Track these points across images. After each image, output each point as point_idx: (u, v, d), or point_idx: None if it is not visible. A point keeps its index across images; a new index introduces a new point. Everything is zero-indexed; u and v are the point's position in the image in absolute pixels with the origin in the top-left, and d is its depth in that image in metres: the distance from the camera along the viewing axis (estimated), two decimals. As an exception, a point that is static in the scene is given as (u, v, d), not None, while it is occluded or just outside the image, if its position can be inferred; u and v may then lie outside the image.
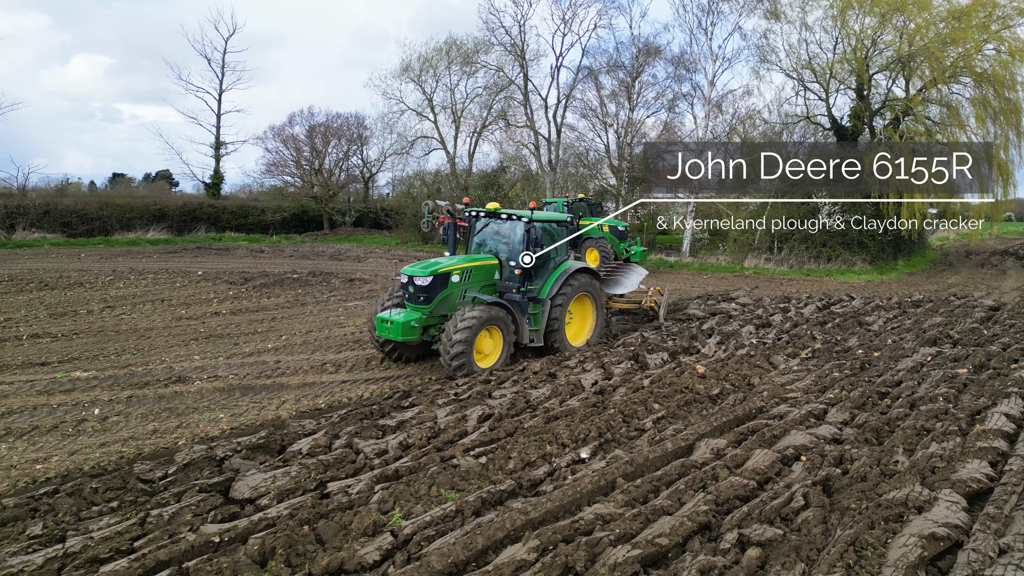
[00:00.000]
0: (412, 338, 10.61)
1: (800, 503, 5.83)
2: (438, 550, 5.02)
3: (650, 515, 5.62)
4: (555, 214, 12.17)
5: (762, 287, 21.94)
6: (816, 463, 6.82)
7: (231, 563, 4.80)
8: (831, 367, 10.77)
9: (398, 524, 5.42)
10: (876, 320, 15.26)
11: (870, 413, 8.37)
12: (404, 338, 10.49)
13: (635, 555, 4.95)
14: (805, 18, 30.12)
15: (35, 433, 7.79)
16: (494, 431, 7.64)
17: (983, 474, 6.36)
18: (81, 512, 5.65)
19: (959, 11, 26.90)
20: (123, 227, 37.88)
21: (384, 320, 10.68)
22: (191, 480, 6.32)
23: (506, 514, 5.56)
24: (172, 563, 4.86)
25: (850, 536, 5.10)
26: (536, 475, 6.50)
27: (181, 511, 5.65)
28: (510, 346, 10.92)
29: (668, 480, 6.40)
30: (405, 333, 10.42)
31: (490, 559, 5.05)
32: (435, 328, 10.86)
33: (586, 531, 5.38)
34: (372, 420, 8.07)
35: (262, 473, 6.41)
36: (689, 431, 7.65)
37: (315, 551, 5.07)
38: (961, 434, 7.43)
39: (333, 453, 6.98)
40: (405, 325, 10.40)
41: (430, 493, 6.03)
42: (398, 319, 10.47)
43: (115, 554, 5.00)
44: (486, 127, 42.49)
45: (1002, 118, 25.99)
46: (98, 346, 12.17)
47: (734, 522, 5.56)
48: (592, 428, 7.65)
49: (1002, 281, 24.54)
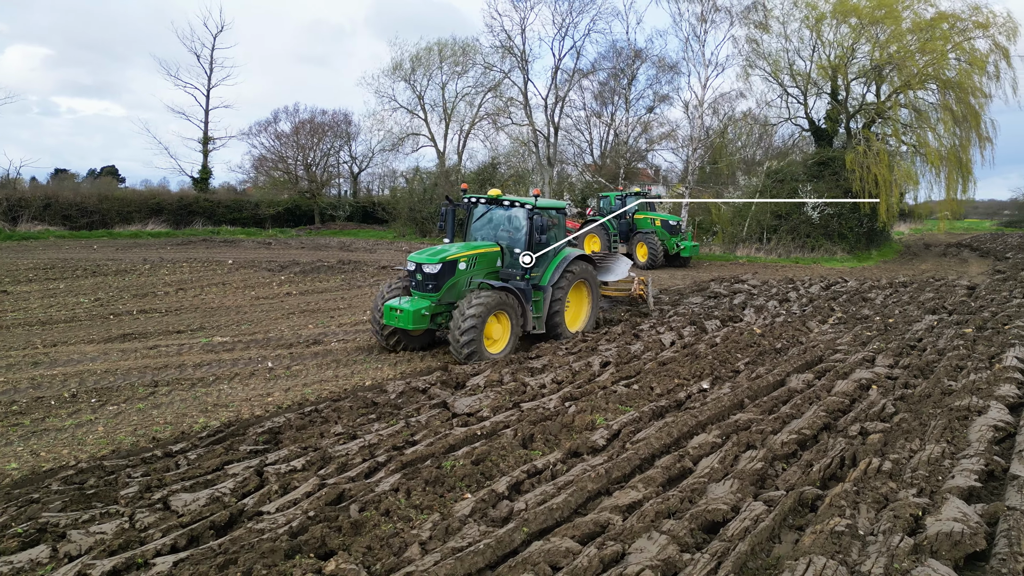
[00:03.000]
0: (422, 326, 10.39)
1: (891, 410, 7.74)
2: (643, 439, 6.74)
3: (784, 419, 7.44)
4: (557, 201, 12.05)
5: (761, 272, 24.11)
6: (887, 388, 8.76)
7: (502, 445, 6.42)
8: (860, 329, 12.80)
9: (604, 424, 7.12)
10: (877, 296, 17.48)
11: (911, 358, 10.38)
12: (415, 326, 10.26)
13: (791, 439, 6.76)
14: (785, 29, 32.59)
15: (237, 379, 9.22)
16: (620, 371, 9.38)
17: (1014, 393, 8.36)
18: (357, 420, 7.20)
19: (926, 23, 29.62)
20: (123, 220, 38.36)
21: (393, 308, 10.31)
22: (415, 403, 7.90)
23: (679, 418, 7.31)
24: (457, 446, 6.48)
25: (941, 425, 7.00)
26: (679, 397, 8.26)
27: (429, 420, 7.25)
28: (518, 332, 10.79)
29: (782, 400, 8.25)
30: (416, 321, 10.16)
31: (684, 444, 6.79)
32: (442, 316, 10.73)
33: (744, 427, 7.17)
34: (519, 364, 9.74)
35: (467, 398, 8.03)
36: (777, 370, 9.52)
37: (558, 438, 6.73)
38: (987, 369, 9.46)
39: (506, 386, 8.62)
40: (415, 313, 10.13)
41: (608, 407, 7.72)
42: (408, 307, 10.17)
43: (406, 444, 6.57)
44: (475, 125, 44.23)
45: (969, 121, 28.74)
46: (208, 319, 13.45)
47: (848, 422, 7.43)
48: (700, 369, 9.47)
49: (967, 267, 27.29)
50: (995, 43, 28.76)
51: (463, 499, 5.40)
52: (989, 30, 28.57)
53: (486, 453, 6.18)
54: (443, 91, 44.01)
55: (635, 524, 4.90)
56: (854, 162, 28.13)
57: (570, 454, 6.45)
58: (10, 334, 11.65)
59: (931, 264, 28.97)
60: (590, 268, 12.32)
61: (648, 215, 25.35)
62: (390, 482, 5.55)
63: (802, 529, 5.05)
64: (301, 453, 6.31)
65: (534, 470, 5.96)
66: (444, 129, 44.75)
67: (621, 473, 5.97)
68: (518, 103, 38.76)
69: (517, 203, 11.29)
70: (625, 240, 25.25)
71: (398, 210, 41.66)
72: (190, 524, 4.88)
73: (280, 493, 5.48)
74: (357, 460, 6.16)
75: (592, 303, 12.62)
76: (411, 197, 40.81)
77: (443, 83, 43.82)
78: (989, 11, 28.88)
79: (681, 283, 20.78)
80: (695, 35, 30.88)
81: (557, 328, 11.64)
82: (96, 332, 11.84)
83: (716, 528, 5.06)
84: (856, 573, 4.25)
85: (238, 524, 4.99)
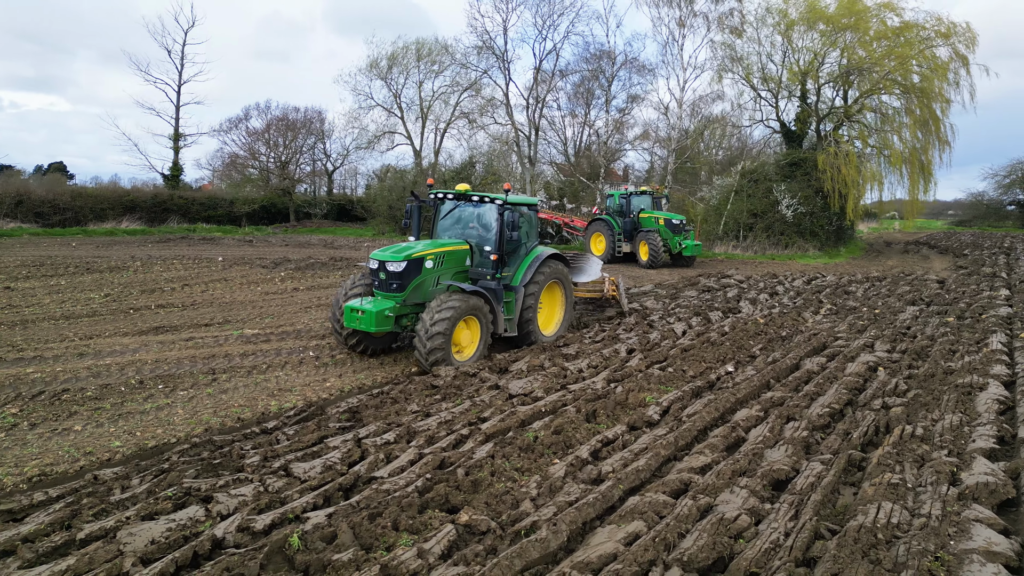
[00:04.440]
0: (385, 328, 9.56)
1: (904, 387, 8.57)
2: (694, 414, 7.41)
3: (811, 396, 8.20)
4: (528, 197, 11.14)
5: (742, 268, 25.14)
6: (894, 370, 9.61)
7: (568, 420, 7.02)
8: (852, 319, 13.73)
9: (654, 401, 7.77)
10: (857, 290, 18.56)
11: (906, 344, 11.29)
12: (378, 329, 9.43)
13: (824, 412, 7.51)
14: (758, 34, 33.86)
15: (288, 367, 9.64)
16: (647, 357, 10.05)
17: (1006, 372, 9.26)
18: (426, 400, 7.73)
19: (892, 31, 31.12)
20: (96, 217, 37.83)
21: (354, 309, 9.52)
22: (471, 385, 8.45)
23: (719, 396, 8.02)
24: (527, 423, 7.06)
25: (952, 398, 7.83)
26: (710, 378, 8.98)
27: (492, 400, 7.81)
28: (488, 338, 10.10)
29: (803, 380, 9.02)
30: (379, 323, 9.37)
31: (729, 417, 7.49)
32: (407, 319, 9.99)
33: (779, 403, 7.90)
34: (554, 351, 10.37)
35: (518, 380, 8.61)
36: (790, 355, 10.31)
37: (616, 414, 7.37)
38: (977, 352, 10.40)
39: (549, 370, 9.22)
40: (379, 315, 9.34)
41: (651, 387, 8.38)
42: (370, 308, 9.39)
43: (479, 420, 7.13)
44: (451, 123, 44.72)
45: (931, 125, 30.32)
46: (228, 313, 13.74)
47: (868, 398, 8.23)
48: (721, 354, 10.21)
49: (930, 263, 28.79)
50: (956, 51, 30.40)
51: (553, 464, 5.99)
52: (951, 39, 30.18)
53: (560, 426, 6.78)
54: (420, 89, 44.41)
55: (715, 481, 5.56)
56: (825, 163, 29.43)
57: (631, 427, 7.08)
58: (38, 327, 11.81)
59: (896, 260, 30.45)
60: (564, 268, 11.69)
61: (652, 214, 25.54)
62: (485, 450, 6.11)
63: (855, 485, 5.78)
64: (387, 428, 6.83)
65: (606, 440, 6.58)
66: (421, 127, 45.16)
67: (684, 442, 6.63)
68: (499, 103, 39.33)
69: (487, 199, 10.56)
70: (629, 239, 25.62)
71: (377, 208, 41.86)
72: (319, 487, 5.38)
73: (385, 461, 5.99)
74: (442, 433, 6.70)
75: (566, 305, 11.97)
76: (390, 195, 41.05)
77: (420, 81, 44.24)
78: (950, 21, 30.55)
79: (670, 278, 21.63)
80: (674, 39, 31.84)
81: (529, 331, 10.96)
82: (124, 326, 12.07)
83: (783, 485, 5.75)
84: (917, 515, 4.97)
85: (360, 488, 5.49)
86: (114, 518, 4.74)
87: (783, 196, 30.26)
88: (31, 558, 4.25)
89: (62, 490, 5.25)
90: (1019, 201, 60.64)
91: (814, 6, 32.79)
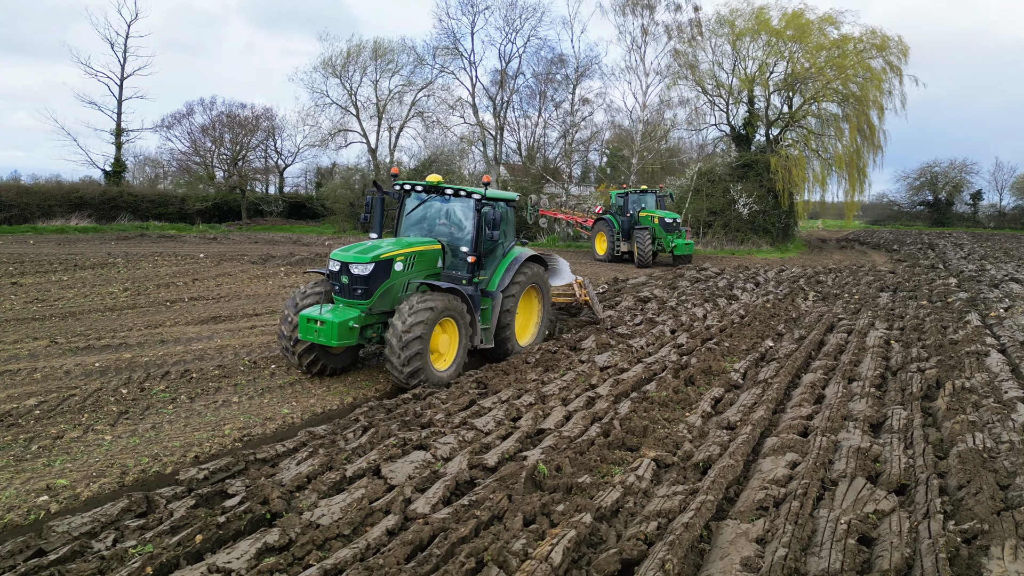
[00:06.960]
0: (349, 341, 8.20)
1: (925, 355, 10.02)
2: (769, 377, 8.58)
3: (853, 363, 9.52)
4: (508, 193, 10.22)
5: (711, 263, 26.85)
6: (904, 342, 11.09)
7: (668, 384, 8.05)
8: (842, 303, 15.35)
9: (732, 368, 8.90)
10: (827, 279, 20.40)
11: (901, 322, 12.88)
12: (340, 342, 8.01)
13: (875, 374, 8.82)
14: (712, 44, 35.95)
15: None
16: (693, 340, 11.20)
17: (995, 343, 10.88)
18: (536, 371, 8.61)
19: (832, 43, 33.68)
20: (44, 215, 36.45)
21: (311, 320, 8.04)
22: (561, 359, 9.38)
23: (783, 364, 9.23)
24: (636, 388, 8.06)
25: (970, 363, 9.30)
26: (760, 351, 10.20)
27: (591, 371, 8.76)
28: (467, 344, 8.83)
29: (837, 351, 10.36)
30: (342, 336, 7.97)
31: (800, 379, 8.70)
32: (372, 329, 8.57)
33: (831, 369, 9.18)
34: (610, 332, 11.38)
35: (600, 355, 9.61)
36: (814, 333, 11.68)
37: (707, 377, 8.47)
38: (964, 328, 12.05)
39: (618, 347, 10.24)
40: (342, 326, 7.94)
41: (720, 358, 9.52)
42: (331, 318, 7.96)
43: (590, 387, 8.08)
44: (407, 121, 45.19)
45: (867, 130, 33.02)
46: (264, 305, 14.11)
47: (902, 362, 9.61)
48: (757, 332, 11.49)
49: (870, 258, 31.37)
50: (889, 63, 33.19)
51: (685, 416, 7.02)
52: (885, 51, 32.93)
53: (676, 387, 7.82)
54: (375, 88, 44.64)
55: (828, 424, 6.70)
56: (778, 164, 31.64)
57: (725, 388, 8.19)
58: (88, 319, 11.97)
59: (840, 255, 32.97)
60: (542, 271, 10.53)
61: (649, 212, 26.03)
62: (626, 406, 7.08)
63: (932, 426, 7.04)
64: (520, 393, 7.69)
65: (715, 399, 7.67)
66: (376, 125, 45.37)
67: (778, 396, 7.78)
68: (465, 103, 40.12)
69: (463, 192, 9.38)
70: (627, 238, 26.16)
71: (336, 206, 41.83)
72: (507, 435, 6.22)
73: (542, 418, 6.87)
74: (571, 396, 7.63)
75: (543, 312, 10.73)
76: (350, 192, 41.09)
77: (375, 80, 44.46)
78: (884, 35, 33.31)
79: (656, 270, 23.01)
80: (636, 46, 33.44)
81: (506, 341, 9.68)
82: (176, 317, 12.33)
83: (878, 427, 6.95)
84: (999, 440, 6.24)
85: (543, 437, 6.37)
86: (364, 460, 5.46)
87: (739, 195, 32.28)
88: (324, 490, 4.95)
89: (295, 443, 5.91)
90: (928, 202, 65.82)
91: (760, 18, 35.10)
